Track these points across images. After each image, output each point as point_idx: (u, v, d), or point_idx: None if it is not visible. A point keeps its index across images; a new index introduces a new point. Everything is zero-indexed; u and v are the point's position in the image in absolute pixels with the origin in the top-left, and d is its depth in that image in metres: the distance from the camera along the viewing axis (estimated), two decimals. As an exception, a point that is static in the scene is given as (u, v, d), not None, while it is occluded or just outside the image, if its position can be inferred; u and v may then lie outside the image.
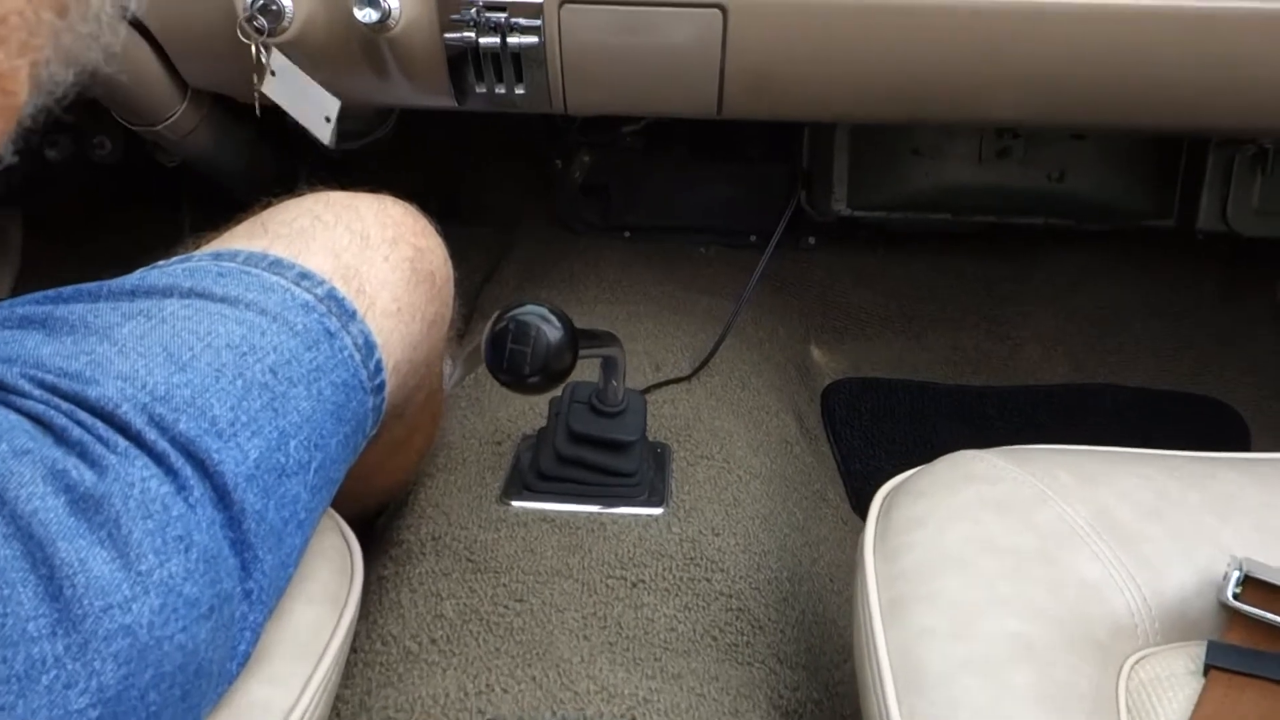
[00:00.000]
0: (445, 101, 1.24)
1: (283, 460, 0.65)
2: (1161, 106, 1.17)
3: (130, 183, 1.62)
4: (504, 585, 0.88)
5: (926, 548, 0.73)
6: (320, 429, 0.69)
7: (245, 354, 0.67)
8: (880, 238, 1.75)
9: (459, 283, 1.73)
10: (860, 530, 1.41)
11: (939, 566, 0.71)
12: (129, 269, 0.76)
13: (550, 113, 1.24)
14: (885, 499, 0.82)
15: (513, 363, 0.71)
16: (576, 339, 0.72)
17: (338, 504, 0.82)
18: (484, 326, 1.59)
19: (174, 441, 0.60)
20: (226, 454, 0.62)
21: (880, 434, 1.61)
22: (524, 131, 1.79)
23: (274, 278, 0.73)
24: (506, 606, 0.86)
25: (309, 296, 0.73)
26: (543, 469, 1.01)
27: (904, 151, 1.62)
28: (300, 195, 0.85)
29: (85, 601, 0.52)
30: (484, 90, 1.21)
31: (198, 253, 0.77)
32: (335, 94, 1.28)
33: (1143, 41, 1.09)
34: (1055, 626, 0.68)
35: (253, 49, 1.09)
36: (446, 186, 1.83)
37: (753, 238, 1.72)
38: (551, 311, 0.72)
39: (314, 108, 1.16)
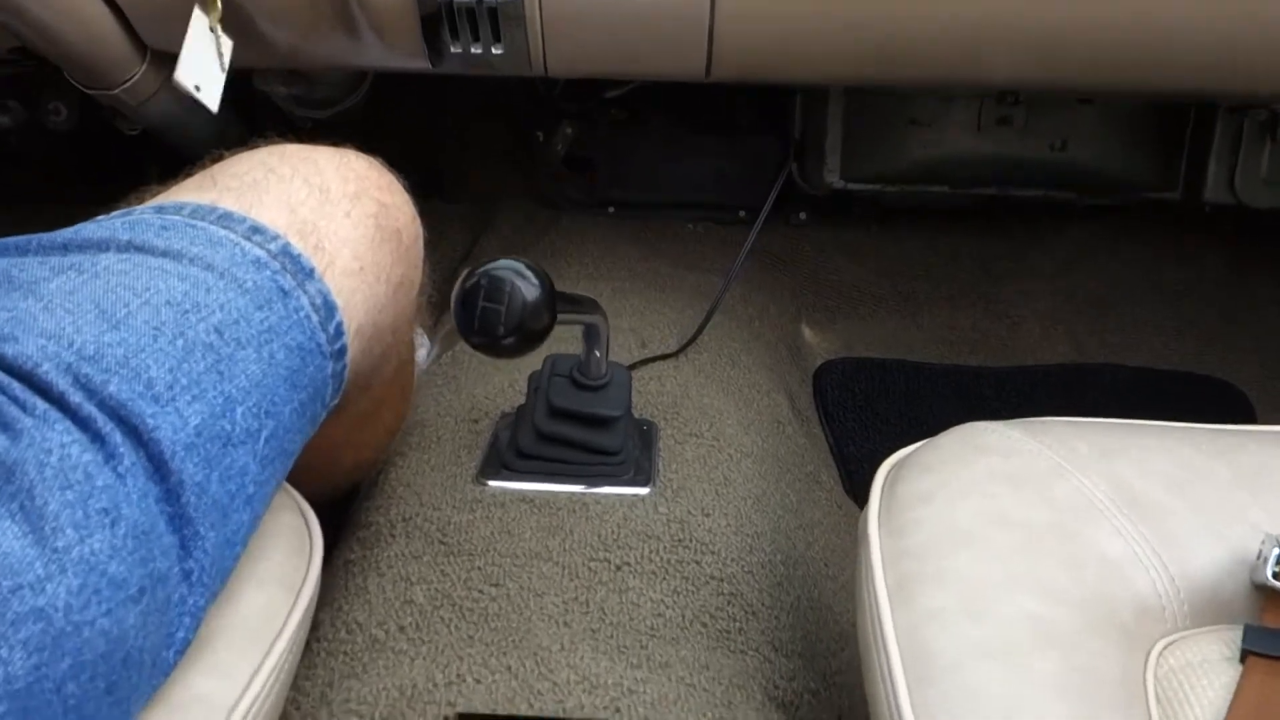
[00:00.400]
0: (419, 63, 1.17)
1: (228, 428, 0.59)
2: (1170, 67, 1.12)
3: (90, 151, 1.55)
4: (479, 569, 0.82)
5: (935, 523, 0.67)
6: (272, 395, 0.63)
7: (188, 312, 0.61)
8: (874, 212, 1.69)
9: (438, 260, 1.67)
10: (856, 514, 1.37)
11: (949, 543, 0.65)
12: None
13: (530, 75, 1.18)
14: (890, 473, 0.76)
15: (485, 322, 0.64)
16: (555, 297, 0.66)
17: (301, 483, 0.75)
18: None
19: (102, 405, 0.53)
20: (163, 419, 0.55)
21: (874, 416, 1.56)
22: (505, 103, 1.73)
23: (222, 231, 0.67)
24: (481, 591, 0.80)
25: (261, 252, 0.66)
26: (521, 447, 0.95)
27: (900, 121, 1.57)
28: (254, 147, 0.78)
29: None
30: (459, 50, 1.14)
31: (140, 206, 0.71)
32: (304, 56, 1.21)
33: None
34: (1076, 608, 0.63)
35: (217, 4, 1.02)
36: (424, 160, 1.76)
37: (742, 213, 1.66)
38: (528, 267, 0.66)
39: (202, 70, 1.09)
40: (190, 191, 0.72)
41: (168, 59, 1.25)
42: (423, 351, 1.31)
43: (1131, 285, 1.64)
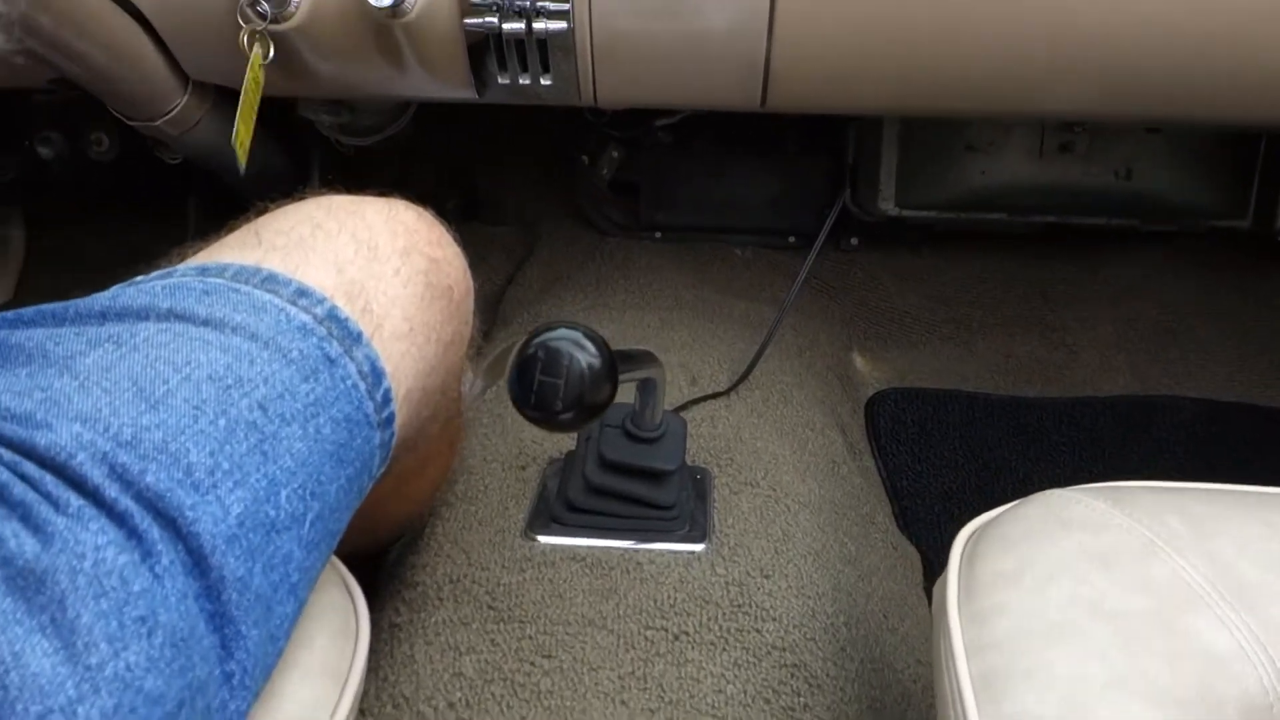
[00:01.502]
0: (465, 94, 1.14)
1: (272, 514, 0.55)
2: (1241, 100, 1.06)
3: (133, 181, 1.53)
4: (529, 637, 0.78)
5: (1023, 611, 0.62)
6: (318, 474, 0.59)
7: (230, 387, 0.57)
8: (927, 237, 1.64)
9: (480, 286, 1.64)
10: (911, 553, 1.32)
11: (1040, 635, 0.61)
12: (132, 272, 0.67)
13: (579, 105, 1.14)
14: (968, 545, 0.71)
15: (542, 397, 0.61)
16: (616, 368, 0.62)
17: (342, 540, 0.72)
18: (505, 335, 1.50)
19: (139, 497, 0.50)
20: (204, 510, 0.52)
21: (928, 449, 1.51)
22: (547, 127, 1.70)
23: (267, 296, 0.63)
24: (533, 664, 0.76)
25: (307, 317, 0.63)
26: (571, 499, 0.91)
27: (957, 146, 1.52)
28: (300, 199, 0.75)
29: (19, 706, 0.42)
30: (507, 81, 1.11)
31: (182, 265, 0.67)
32: (349, 87, 1.19)
33: (1230, 24, 0.98)
34: (1180, 709, 0.58)
35: (242, 37, 0.99)
36: (466, 184, 1.73)
37: (792, 238, 1.61)
38: (587, 336, 0.62)
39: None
40: (234, 250, 0.68)
41: (210, 89, 1.23)
42: (465, 385, 1.28)
43: (1195, 313, 1.58)
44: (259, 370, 0.59)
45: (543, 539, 0.90)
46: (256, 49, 1.04)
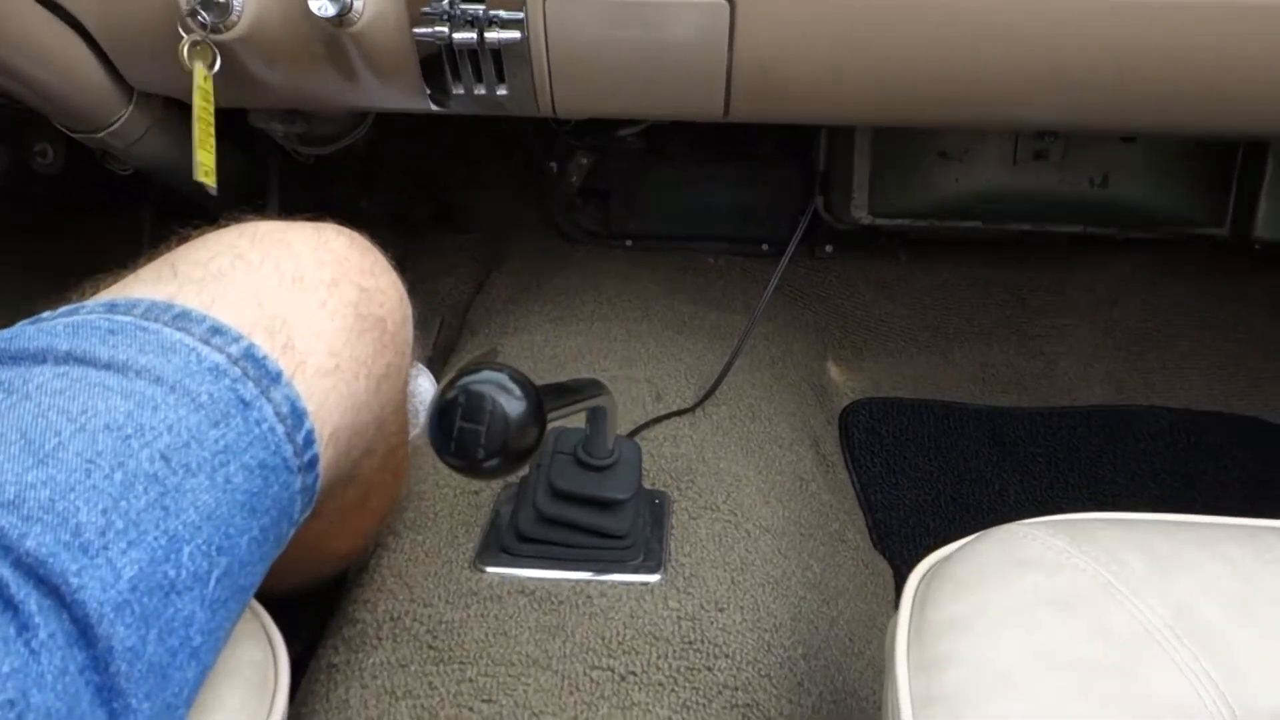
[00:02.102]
0: (420, 104, 1.11)
1: (171, 574, 0.52)
2: (1223, 109, 1.04)
3: (83, 192, 1.50)
4: (470, 680, 0.75)
5: (973, 661, 0.59)
6: (227, 526, 0.56)
7: (129, 437, 0.54)
8: (903, 244, 1.61)
9: (447, 295, 1.61)
10: (884, 571, 1.29)
11: (990, 687, 0.58)
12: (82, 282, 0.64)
13: (537, 115, 1.11)
14: (920, 586, 0.68)
15: (463, 444, 0.58)
16: (543, 412, 0.59)
17: (283, 575, 0.69)
18: (473, 345, 1.47)
19: (18, 563, 0.47)
20: (91, 575, 0.49)
21: (903, 460, 1.48)
22: (517, 132, 1.66)
23: (178, 334, 0.60)
24: (471, 709, 0.73)
25: (220, 357, 0.60)
26: (522, 529, 0.88)
27: (930, 154, 1.49)
28: (223, 226, 0.72)
29: None
30: (462, 92, 1.08)
31: (91, 301, 0.64)
32: (300, 97, 1.15)
33: (1201, 36, 0.95)
34: (1134, 766, 0.55)
35: (182, 49, 0.96)
36: (433, 192, 1.70)
37: (765, 246, 1.58)
38: (512, 378, 0.59)
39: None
40: (146, 284, 0.65)
41: (157, 100, 1.19)
42: (425, 381, 1.24)
43: (1173, 322, 1.56)
44: (163, 417, 0.56)
45: (491, 570, 0.87)
46: (199, 65, 1.01)
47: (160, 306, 0.61)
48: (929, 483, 1.48)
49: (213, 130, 1.06)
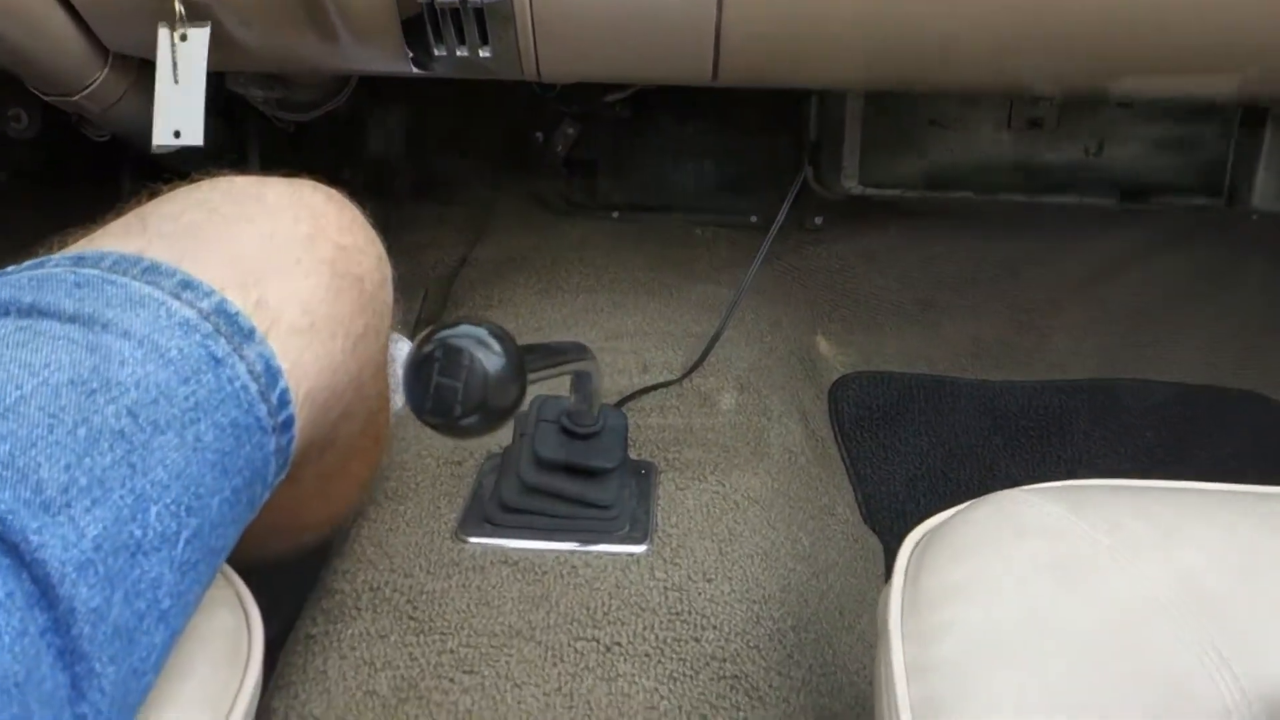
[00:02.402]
0: (401, 67, 1.08)
1: (138, 534, 0.50)
2: (1213, 71, 1.02)
3: (60, 157, 1.46)
4: (451, 650, 0.73)
5: (969, 629, 0.57)
6: (196, 486, 0.54)
7: (94, 392, 0.52)
8: (893, 215, 1.59)
9: (432, 266, 1.58)
10: (874, 546, 1.28)
11: (987, 656, 0.56)
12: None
13: (522, 79, 1.09)
14: (914, 554, 0.66)
15: (440, 400, 0.55)
16: (523, 367, 0.57)
17: (263, 544, 0.67)
18: (458, 318, 1.45)
19: None
20: (53, 533, 0.47)
21: (893, 434, 1.47)
22: (503, 101, 1.64)
23: (147, 288, 0.57)
24: (452, 680, 0.71)
25: (190, 312, 0.57)
26: (505, 499, 0.86)
27: (922, 122, 1.46)
28: (196, 181, 0.69)
29: None
30: (444, 54, 1.05)
31: (58, 254, 0.61)
32: (278, 59, 1.12)
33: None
34: (1136, 736, 0.53)
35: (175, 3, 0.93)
36: (417, 162, 1.67)
37: (754, 218, 1.56)
38: (491, 333, 0.56)
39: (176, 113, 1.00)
40: (115, 238, 0.62)
41: (133, 63, 1.16)
42: (407, 349, 1.21)
43: (1166, 295, 1.54)
44: (130, 372, 0.53)
45: (474, 540, 0.85)
46: (168, 24, 0.98)
47: (129, 260, 0.59)
48: (919, 457, 1.47)
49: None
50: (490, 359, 0.55)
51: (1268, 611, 0.60)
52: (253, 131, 1.43)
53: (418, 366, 0.56)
